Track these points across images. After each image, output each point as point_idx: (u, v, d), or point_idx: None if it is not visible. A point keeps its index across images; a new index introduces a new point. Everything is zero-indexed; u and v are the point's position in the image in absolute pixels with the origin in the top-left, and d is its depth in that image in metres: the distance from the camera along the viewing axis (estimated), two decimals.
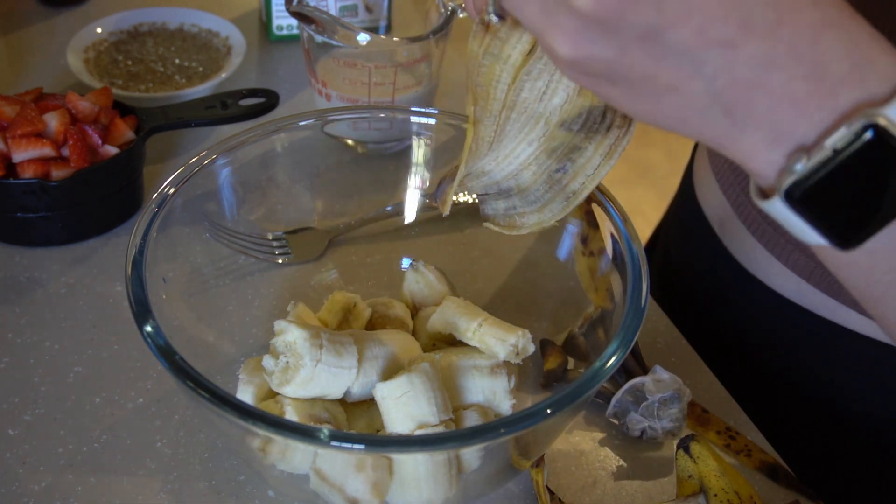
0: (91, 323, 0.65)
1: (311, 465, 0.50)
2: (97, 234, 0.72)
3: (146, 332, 0.46)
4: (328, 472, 0.49)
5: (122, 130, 0.72)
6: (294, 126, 0.62)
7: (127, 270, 0.49)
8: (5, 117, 0.68)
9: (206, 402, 0.43)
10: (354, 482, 0.49)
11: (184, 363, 0.44)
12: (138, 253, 0.50)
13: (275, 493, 0.56)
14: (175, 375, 0.44)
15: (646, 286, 0.50)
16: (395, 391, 0.50)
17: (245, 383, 0.54)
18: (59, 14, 0.99)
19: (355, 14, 0.89)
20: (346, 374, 0.51)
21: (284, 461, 0.49)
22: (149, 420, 0.59)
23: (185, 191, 0.56)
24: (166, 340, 0.46)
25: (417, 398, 0.50)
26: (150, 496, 0.55)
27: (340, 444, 0.41)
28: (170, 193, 0.54)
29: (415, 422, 0.50)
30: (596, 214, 0.56)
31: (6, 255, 0.70)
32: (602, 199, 0.55)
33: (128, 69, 0.89)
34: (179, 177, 0.56)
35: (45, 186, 0.67)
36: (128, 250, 0.50)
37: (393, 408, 0.50)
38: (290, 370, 0.50)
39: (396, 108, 0.68)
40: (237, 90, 0.77)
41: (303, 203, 0.71)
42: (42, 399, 0.60)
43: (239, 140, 0.60)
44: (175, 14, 0.95)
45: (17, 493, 0.54)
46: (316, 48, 0.76)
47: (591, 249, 0.57)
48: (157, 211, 0.53)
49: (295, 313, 0.58)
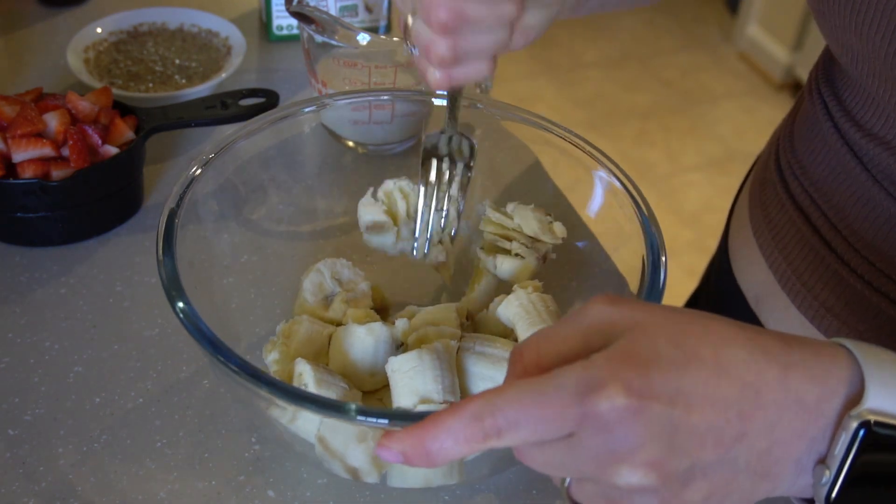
0: (91, 323, 0.65)
1: (315, 433, 0.51)
2: (97, 234, 0.72)
3: (179, 308, 0.49)
4: (331, 442, 0.51)
5: (122, 130, 0.72)
6: (328, 105, 0.67)
7: (158, 250, 0.52)
8: (5, 117, 0.68)
9: (237, 376, 0.46)
10: (355, 453, 0.51)
11: (216, 339, 0.48)
12: (168, 230, 0.54)
13: (274, 493, 0.56)
14: (210, 350, 0.47)
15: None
16: (404, 365, 0.51)
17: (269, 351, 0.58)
18: (59, 14, 0.99)
19: (355, 14, 0.89)
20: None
21: (295, 426, 0.51)
22: (149, 420, 0.59)
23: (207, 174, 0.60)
24: (199, 317, 0.49)
25: (424, 374, 0.51)
26: (150, 496, 0.55)
27: (366, 419, 0.45)
28: (196, 174, 0.58)
29: (417, 396, 0.51)
30: None
31: (6, 255, 0.70)
32: None
33: (128, 69, 0.89)
34: (203, 160, 0.59)
35: (45, 186, 0.67)
36: (159, 226, 0.54)
37: (401, 381, 0.52)
38: None
39: (399, 92, 0.70)
40: (237, 90, 0.77)
41: (304, 203, 0.71)
42: (42, 399, 0.60)
43: (256, 125, 0.64)
44: (175, 14, 0.95)
45: (17, 493, 0.54)
46: (316, 48, 0.76)
47: None
48: (185, 191, 0.57)
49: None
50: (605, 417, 0.35)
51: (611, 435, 0.36)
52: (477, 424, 0.36)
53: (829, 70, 0.63)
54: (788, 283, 0.66)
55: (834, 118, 0.61)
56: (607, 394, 0.35)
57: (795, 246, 0.65)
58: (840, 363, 0.39)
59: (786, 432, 0.38)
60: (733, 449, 0.37)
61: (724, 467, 0.37)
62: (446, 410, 0.37)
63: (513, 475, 0.57)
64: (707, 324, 0.38)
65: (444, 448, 0.37)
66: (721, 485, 0.38)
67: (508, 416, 0.36)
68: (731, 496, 0.39)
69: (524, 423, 0.36)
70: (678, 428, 0.36)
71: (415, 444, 0.37)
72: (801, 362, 0.38)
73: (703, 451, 0.37)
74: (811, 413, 0.38)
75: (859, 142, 0.58)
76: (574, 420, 0.36)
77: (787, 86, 2.64)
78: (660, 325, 0.38)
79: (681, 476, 0.37)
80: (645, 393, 0.35)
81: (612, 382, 0.35)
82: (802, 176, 0.65)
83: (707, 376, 0.37)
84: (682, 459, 0.36)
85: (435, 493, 0.56)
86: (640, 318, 0.38)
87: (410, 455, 0.37)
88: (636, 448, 0.36)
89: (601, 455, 0.36)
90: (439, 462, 0.37)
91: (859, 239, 0.60)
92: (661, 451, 0.36)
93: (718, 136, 2.48)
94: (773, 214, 0.68)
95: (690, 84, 2.69)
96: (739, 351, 0.38)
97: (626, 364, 0.36)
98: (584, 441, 0.36)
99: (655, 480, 0.36)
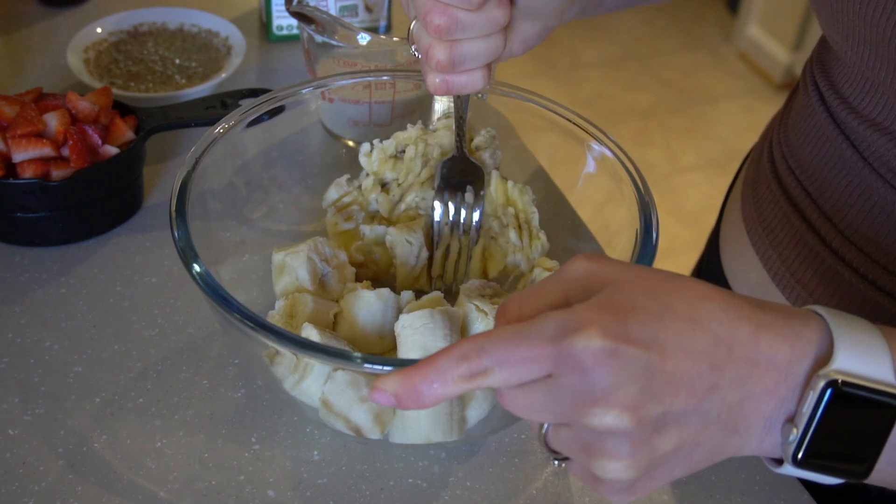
0: (91, 323, 0.65)
1: (319, 396, 0.53)
2: (97, 234, 0.72)
3: (195, 270, 0.52)
4: (335, 403, 0.53)
5: (122, 130, 0.72)
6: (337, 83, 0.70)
7: (172, 213, 0.56)
8: (5, 117, 0.68)
9: (252, 331, 0.49)
10: (358, 412, 0.53)
11: (230, 297, 0.51)
12: (181, 196, 0.57)
13: (274, 493, 0.56)
14: (222, 307, 0.50)
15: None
16: (415, 321, 0.53)
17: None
18: (59, 14, 0.99)
19: (355, 14, 0.90)
20: None
21: (299, 390, 0.54)
22: (149, 420, 0.59)
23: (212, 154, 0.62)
24: (213, 276, 0.52)
25: (434, 332, 0.52)
26: (150, 496, 0.55)
27: (372, 367, 0.48)
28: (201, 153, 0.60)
29: (425, 352, 0.52)
30: None
31: (6, 255, 0.70)
32: None
33: (128, 69, 0.89)
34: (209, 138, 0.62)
35: (45, 186, 0.67)
36: (171, 196, 0.57)
37: (409, 338, 0.53)
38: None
39: (399, 71, 0.71)
40: (237, 90, 0.77)
41: (304, 202, 0.71)
42: (42, 399, 0.60)
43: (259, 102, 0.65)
44: (175, 14, 0.95)
45: (17, 493, 0.54)
46: (316, 48, 0.76)
47: None
48: (199, 158, 0.60)
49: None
50: (582, 357, 0.37)
51: (587, 375, 0.37)
52: (464, 364, 0.38)
53: (825, 60, 0.63)
54: (783, 280, 0.66)
55: (830, 107, 0.61)
56: (585, 335, 0.37)
57: (789, 242, 0.65)
58: (811, 326, 0.40)
59: (756, 388, 0.39)
60: (705, 400, 0.39)
61: (696, 417, 0.39)
62: (435, 353, 0.39)
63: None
64: (684, 282, 0.40)
65: (433, 388, 0.39)
66: (692, 435, 0.39)
67: (493, 356, 0.38)
68: (700, 447, 0.40)
69: (506, 364, 0.38)
70: (653, 373, 0.37)
71: (405, 385, 0.39)
72: (772, 323, 0.40)
73: (676, 399, 0.38)
74: (781, 372, 0.39)
75: (856, 129, 0.58)
76: (552, 360, 0.38)
77: (788, 86, 2.64)
78: (638, 281, 0.40)
79: (653, 422, 0.38)
80: (621, 336, 0.37)
81: (589, 325, 0.37)
82: (797, 169, 0.65)
83: (682, 327, 0.38)
84: (655, 405, 0.38)
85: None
86: (619, 274, 0.40)
87: (402, 396, 0.39)
88: (611, 389, 0.37)
89: (577, 396, 0.38)
90: (429, 403, 0.39)
91: (855, 231, 0.60)
92: (635, 394, 0.37)
93: (718, 136, 2.48)
94: (765, 210, 0.68)
95: (690, 84, 2.69)
96: (714, 308, 0.39)
97: (604, 311, 0.38)
98: (561, 381, 0.38)
99: (629, 423, 0.37)
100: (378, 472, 0.57)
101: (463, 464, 0.58)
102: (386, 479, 0.57)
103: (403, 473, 0.57)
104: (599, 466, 0.39)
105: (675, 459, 0.40)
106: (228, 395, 0.61)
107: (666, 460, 0.39)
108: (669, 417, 0.38)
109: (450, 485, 0.57)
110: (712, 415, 0.39)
